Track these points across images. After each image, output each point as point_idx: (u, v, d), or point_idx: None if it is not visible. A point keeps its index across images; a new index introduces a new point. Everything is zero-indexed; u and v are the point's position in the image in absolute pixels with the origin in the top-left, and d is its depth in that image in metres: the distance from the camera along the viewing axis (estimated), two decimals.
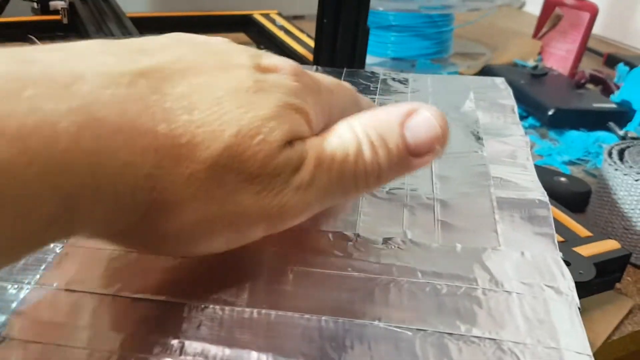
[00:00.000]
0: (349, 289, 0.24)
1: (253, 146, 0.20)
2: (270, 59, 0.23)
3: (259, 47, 0.79)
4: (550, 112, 0.69)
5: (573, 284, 0.24)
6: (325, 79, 0.26)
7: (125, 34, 0.67)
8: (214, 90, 0.20)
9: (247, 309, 0.22)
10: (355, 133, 0.23)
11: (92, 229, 0.19)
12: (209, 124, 0.19)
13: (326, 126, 0.24)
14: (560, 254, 0.26)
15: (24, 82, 0.16)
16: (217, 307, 0.22)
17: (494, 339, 0.22)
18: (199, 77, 0.20)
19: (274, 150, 0.20)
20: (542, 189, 0.30)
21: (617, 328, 0.39)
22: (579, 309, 0.23)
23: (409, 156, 0.23)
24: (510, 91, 0.42)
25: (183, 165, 0.19)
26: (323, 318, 0.22)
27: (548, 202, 0.29)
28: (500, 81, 0.44)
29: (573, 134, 0.68)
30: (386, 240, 0.27)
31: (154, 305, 0.22)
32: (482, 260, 0.25)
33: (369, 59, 0.67)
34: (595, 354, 0.37)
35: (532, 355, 0.21)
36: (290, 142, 0.21)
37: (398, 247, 0.26)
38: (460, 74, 0.84)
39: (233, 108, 0.20)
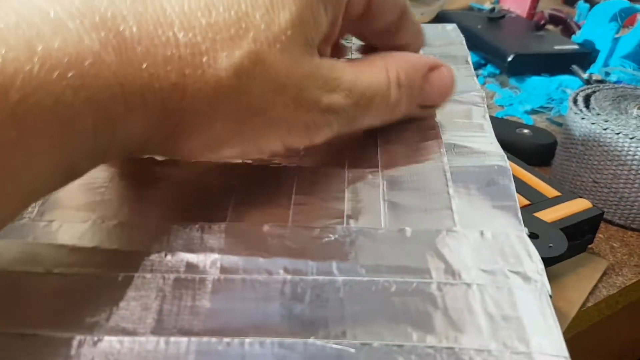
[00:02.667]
0: (279, 298, 0.20)
1: (275, 53, 0.20)
2: None
3: None
4: (509, 58, 0.65)
5: (542, 266, 0.21)
6: None
7: None
8: None
9: (152, 338, 0.18)
10: (388, 75, 0.24)
11: (130, 145, 0.20)
12: (227, 29, 0.19)
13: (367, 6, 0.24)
14: (526, 229, 0.22)
15: (48, 2, 0.17)
16: (114, 338, 0.18)
17: (452, 348, 0.18)
18: None
19: (300, 60, 0.21)
20: (502, 152, 0.26)
21: (591, 293, 0.36)
22: (550, 296, 0.20)
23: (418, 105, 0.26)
24: (462, 39, 0.38)
25: (208, 73, 0.19)
26: (247, 340, 0.18)
27: (508, 167, 0.25)
28: (451, 28, 0.39)
29: (535, 80, 0.65)
30: (324, 230, 0.22)
31: (31, 341, 0.18)
32: (435, 246, 0.22)
33: None
34: (569, 325, 0.34)
35: None
36: (320, 55, 0.22)
37: (338, 238, 0.22)
38: None
39: (251, 9, 0.19)
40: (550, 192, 0.37)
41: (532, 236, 0.30)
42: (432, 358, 0.18)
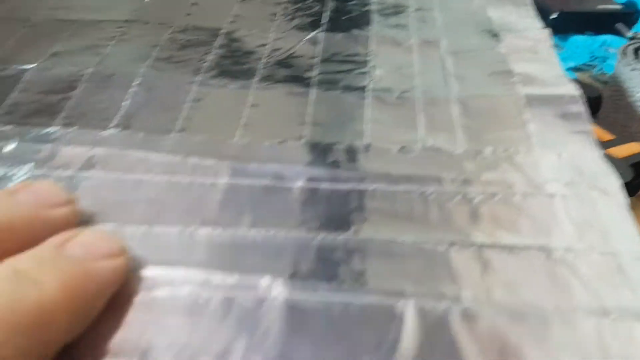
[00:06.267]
0: (362, 206, 0.21)
1: None
2: None
3: None
4: (553, 16, 0.65)
5: (620, 183, 0.21)
6: None
7: None
8: None
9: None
10: None
11: None
12: None
13: None
14: (602, 151, 0.23)
15: None
16: None
17: (542, 247, 0.19)
18: None
19: None
20: (573, 84, 0.27)
21: None
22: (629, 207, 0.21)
23: None
24: None
25: None
26: (341, 237, 0.19)
27: (581, 96, 0.26)
28: None
29: (578, 39, 0.64)
30: (403, 149, 0.23)
31: None
32: (515, 163, 0.22)
33: None
34: None
35: (586, 264, 0.18)
36: None
37: (418, 155, 0.23)
38: None
39: None
40: (604, 135, 0.37)
41: None
42: (522, 257, 0.19)
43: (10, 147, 0.23)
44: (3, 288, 0.14)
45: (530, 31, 0.31)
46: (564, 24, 0.65)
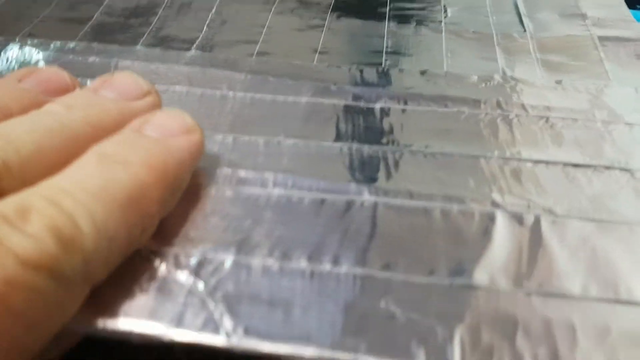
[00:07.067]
0: (447, 128, 0.21)
1: None
2: None
3: None
4: None
5: None
6: None
7: None
8: None
9: None
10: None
11: None
12: None
13: None
14: None
15: None
16: None
17: (625, 169, 0.19)
18: None
19: None
20: None
21: None
22: None
23: None
24: None
25: None
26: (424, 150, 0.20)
27: None
28: None
29: (633, 14, 0.63)
30: (483, 77, 0.23)
31: None
32: (594, 95, 0.22)
33: None
34: None
35: None
36: None
37: (498, 84, 0.23)
38: None
39: None
40: None
41: None
42: (607, 176, 0.19)
43: (94, 59, 0.24)
44: (94, 171, 0.15)
45: None
46: None
